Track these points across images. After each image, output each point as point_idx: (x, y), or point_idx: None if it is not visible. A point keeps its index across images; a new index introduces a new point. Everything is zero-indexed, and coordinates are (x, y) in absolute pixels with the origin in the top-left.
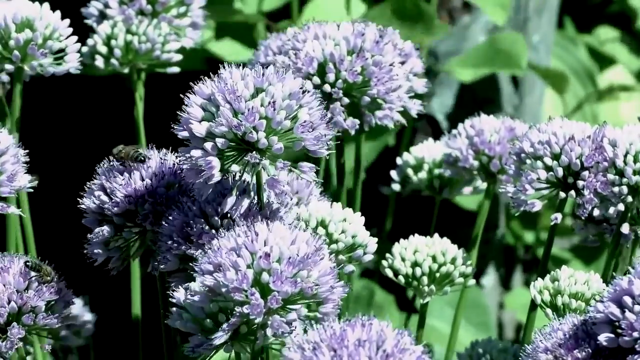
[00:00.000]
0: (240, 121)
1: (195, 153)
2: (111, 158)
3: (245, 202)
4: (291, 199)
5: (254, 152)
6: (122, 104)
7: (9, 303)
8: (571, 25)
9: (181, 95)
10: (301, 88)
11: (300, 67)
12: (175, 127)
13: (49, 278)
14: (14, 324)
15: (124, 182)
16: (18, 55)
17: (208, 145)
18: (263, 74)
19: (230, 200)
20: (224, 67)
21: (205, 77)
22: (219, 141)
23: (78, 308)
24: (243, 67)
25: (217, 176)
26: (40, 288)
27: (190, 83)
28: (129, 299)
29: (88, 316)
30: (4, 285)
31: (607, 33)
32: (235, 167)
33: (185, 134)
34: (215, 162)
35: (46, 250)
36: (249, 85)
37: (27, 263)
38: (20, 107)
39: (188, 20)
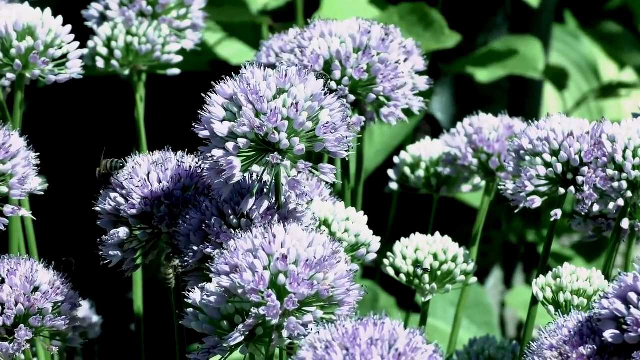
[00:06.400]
0: (263, 122)
1: (217, 153)
2: (101, 179)
3: (265, 203)
4: (311, 200)
5: (275, 153)
6: (123, 105)
7: (16, 305)
8: (572, 19)
9: (184, 96)
10: (323, 89)
11: (307, 65)
12: (195, 126)
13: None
14: (21, 325)
15: (140, 183)
16: (20, 64)
17: (230, 145)
18: (286, 75)
19: (251, 201)
20: (232, 69)
21: (210, 79)
22: (241, 141)
23: (85, 310)
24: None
25: (238, 176)
26: (47, 290)
27: (196, 84)
28: (130, 302)
29: (95, 318)
30: (11, 288)
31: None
32: (256, 168)
33: (206, 133)
34: (237, 162)
35: (46, 252)
36: (271, 85)
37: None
38: (21, 114)
39: (188, 22)
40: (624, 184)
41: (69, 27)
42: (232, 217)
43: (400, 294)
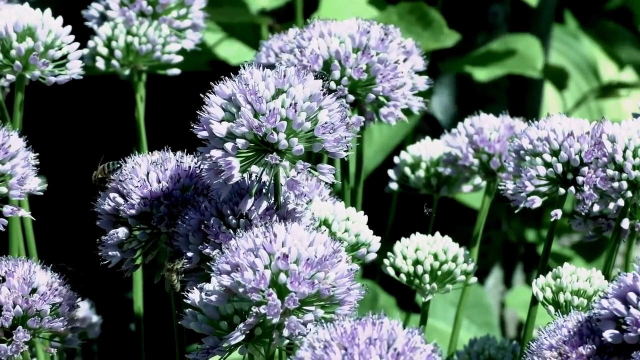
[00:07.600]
0: (261, 122)
1: (216, 153)
2: (100, 183)
3: (264, 203)
4: (310, 200)
5: (274, 153)
6: (123, 105)
7: (14, 307)
8: (572, 19)
9: (184, 96)
10: (321, 90)
11: (306, 65)
12: (194, 126)
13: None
14: (20, 327)
15: (139, 184)
16: (20, 65)
17: (229, 145)
18: (284, 75)
19: (250, 201)
20: (232, 69)
21: (211, 79)
22: (240, 142)
23: (85, 311)
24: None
25: (236, 177)
26: (45, 291)
27: (196, 84)
28: (130, 302)
29: (95, 319)
30: (9, 289)
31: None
32: (255, 168)
33: (205, 133)
34: (235, 162)
35: (45, 253)
36: (270, 86)
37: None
38: (21, 115)
39: (188, 22)
40: (624, 184)
41: (69, 27)
42: (230, 217)
43: (400, 294)
